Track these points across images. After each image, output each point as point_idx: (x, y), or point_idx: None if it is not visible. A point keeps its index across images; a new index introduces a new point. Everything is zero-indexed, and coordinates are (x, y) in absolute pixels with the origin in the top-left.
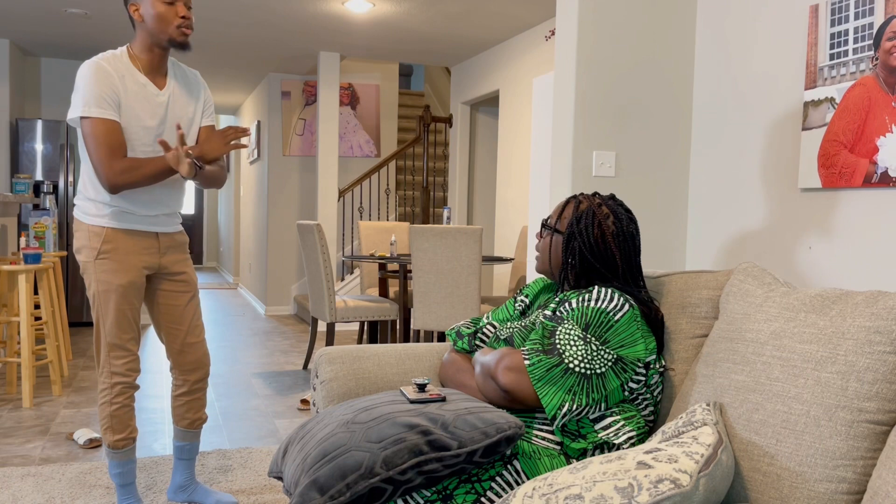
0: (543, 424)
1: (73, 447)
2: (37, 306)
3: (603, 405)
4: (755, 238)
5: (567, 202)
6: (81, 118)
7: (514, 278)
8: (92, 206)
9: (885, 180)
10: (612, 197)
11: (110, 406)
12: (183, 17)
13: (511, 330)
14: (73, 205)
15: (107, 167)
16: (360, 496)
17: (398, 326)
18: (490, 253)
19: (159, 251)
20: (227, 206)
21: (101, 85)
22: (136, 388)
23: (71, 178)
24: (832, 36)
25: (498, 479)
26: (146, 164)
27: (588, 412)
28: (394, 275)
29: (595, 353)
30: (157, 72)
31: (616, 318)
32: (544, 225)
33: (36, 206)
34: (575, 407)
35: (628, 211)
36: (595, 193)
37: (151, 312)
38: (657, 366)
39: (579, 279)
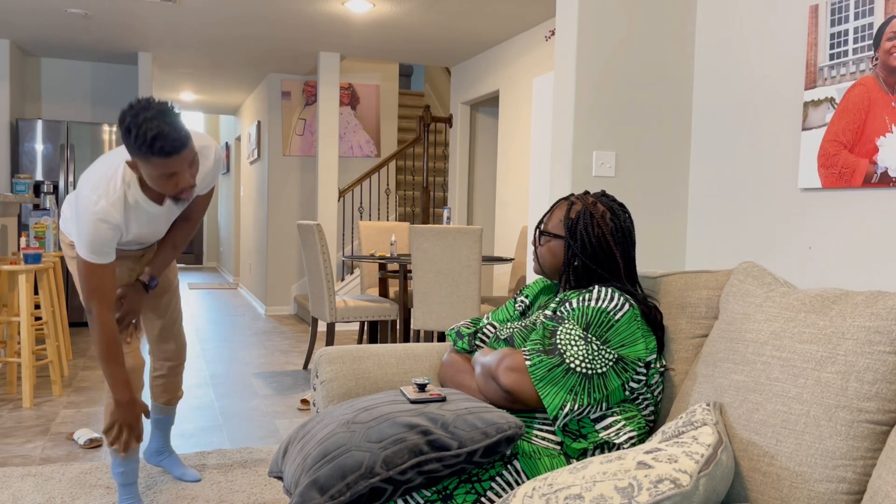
0: (543, 424)
1: (74, 447)
2: (37, 306)
3: (604, 405)
4: (755, 238)
5: (559, 204)
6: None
7: (514, 278)
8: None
9: (885, 180)
10: (604, 193)
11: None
12: (182, 188)
13: (511, 330)
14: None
15: (95, 316)
16: (361, 496)
17: (398, 326)
18: (490, 253)
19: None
20: (227, 206)
21: (104, 240)
22: (142, 386)
23: (71, 178)
24: (832, 36)
25: (498, 479)
26: (107, 361)
27: (589, 412)
28: (394, 275)
29: (596, 353)
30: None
31: (616, 317)
32: (541, 231)
33: (36, 206)
34: (577, 407)
35: (622, 205)
36: (586, 192)
37: None
38: (657, 365)
39: (580, 280)
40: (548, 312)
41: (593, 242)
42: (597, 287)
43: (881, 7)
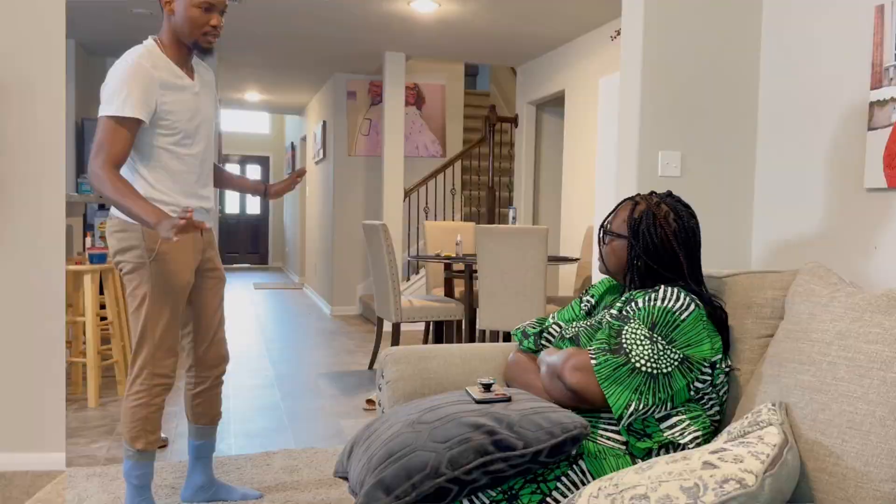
0: (609, 424)
1: None
2: (102, 306)
3: (669, 405)
4: (820, 238)
5: (623, 204)
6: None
7: (580, 278)
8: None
9: None
10: (670, 194)
11: (147, 408)
12: (213, 27)
13: (577, 329)
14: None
15: (95, 164)
16: (426, 496)
17: (464, 326)
18: (555, 253)
19: (202, 248)
20: (293, 206)
21: (139, 87)
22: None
23: None
24: None
25: (563, 479)
26: (121, 193)
27: (654, 411)
28: (459, 275)
29: (661, 353)
30: (185, 64)
31: (682, 317)
32: (605, 231)
33: (101, 206)
34: (641, 406)
35: (687, 206)
36: (652, 193)
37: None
38: (723, 365)
39: (644, 280)
40: (613, 312)
41: (656, 243)
42: (663, 287)
43: None
